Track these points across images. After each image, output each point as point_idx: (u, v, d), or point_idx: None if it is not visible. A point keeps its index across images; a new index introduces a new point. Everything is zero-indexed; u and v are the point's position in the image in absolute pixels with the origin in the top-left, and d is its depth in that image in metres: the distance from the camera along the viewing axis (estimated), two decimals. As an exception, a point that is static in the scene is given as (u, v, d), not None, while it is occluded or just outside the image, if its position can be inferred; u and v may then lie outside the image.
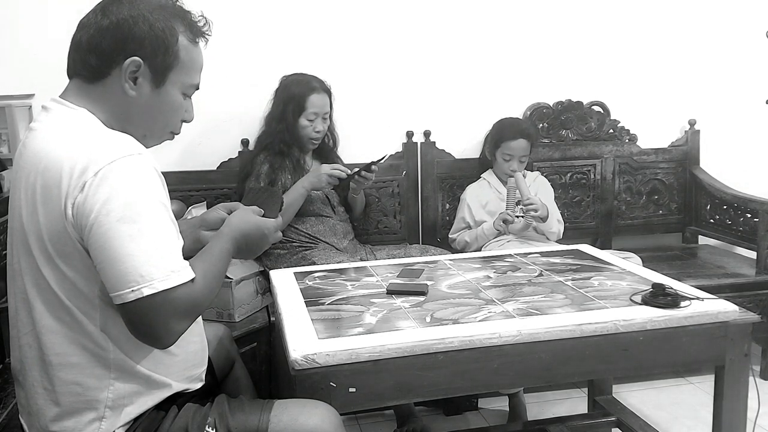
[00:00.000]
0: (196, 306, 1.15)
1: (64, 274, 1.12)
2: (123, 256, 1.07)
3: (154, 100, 1.22)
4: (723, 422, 1.62)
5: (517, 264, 1.98)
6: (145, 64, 1.18)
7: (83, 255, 1.11)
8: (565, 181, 3.00)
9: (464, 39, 2.89)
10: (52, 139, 1.14)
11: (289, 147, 2.46)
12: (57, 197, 1.09)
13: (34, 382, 1.18)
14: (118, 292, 1.08)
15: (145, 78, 1.20)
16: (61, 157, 1.10)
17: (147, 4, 1.20)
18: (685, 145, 3.12)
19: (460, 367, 1.45)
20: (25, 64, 2.54)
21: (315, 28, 2.74)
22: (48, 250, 1.11)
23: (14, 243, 1.18)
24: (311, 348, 1.38)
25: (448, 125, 2.91)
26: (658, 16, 3.05)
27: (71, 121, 1.17)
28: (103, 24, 1.17)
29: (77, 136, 1.14)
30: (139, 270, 1.07)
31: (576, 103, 3.01)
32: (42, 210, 1.11)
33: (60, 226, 1.09)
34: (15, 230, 1.17)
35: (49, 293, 1.13)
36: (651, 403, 2.50)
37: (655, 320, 1.54)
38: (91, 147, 1.10)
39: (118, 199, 1.07)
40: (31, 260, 1.13)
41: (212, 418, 1.22)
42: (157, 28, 1.19)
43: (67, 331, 1.14)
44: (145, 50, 1.18)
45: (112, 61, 1.18)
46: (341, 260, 2.30)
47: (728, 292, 2.37)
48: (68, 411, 1.16)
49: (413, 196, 2.89)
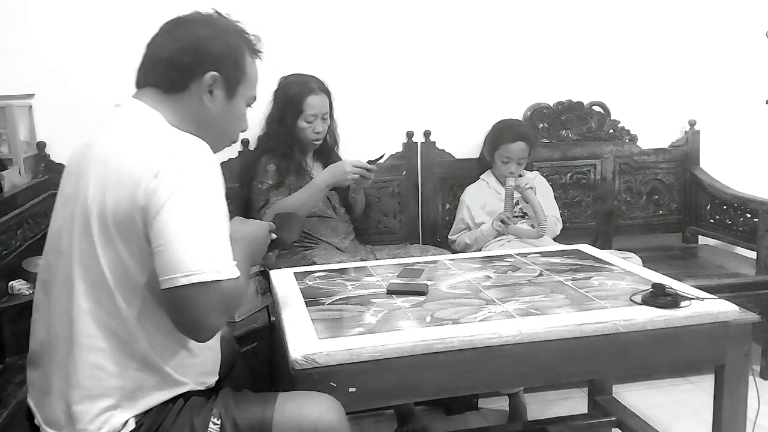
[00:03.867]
0: (236, 303, 1.24)
1: (120, 256, 1.17)
2: (182, 242, 1.12)
3: (226, 111, 1.33)
4: (723, 422, 1.62)
5: (517, 264, 1.98)
6: (221, 78, 1.29)
7: (142, 240, 1.16)
8: (565, 181, 3.00)
9: (464, 39, 2.89)
10: (131, 131, 1.23)
11: (290, 148, 2.45)
12: (130, 183, 1.14)
13: (58, 362, 1.20)
14: (170, 275, 1.12)
15: (219, 90, 1.30)
16: (137, 149, 1.18)
17: (218, 23, 1.33)
18: (685, 145, 3.12)
19: (461, 366, 1.45)
20: (25, 64, 2.54)
21: (315, 27, 2.74)
22: (110, 232, 1.16)
23: (70, 226, 1.21)
24: (311, 348, 1.38)
25: (448, 125, 2.91)
26: (658, 16, 3.05)
27: (149, 117, 1.25)
28: (182, 41, 1.28)
29: (155, 130, 1.23)
30: (194, 258, 1.12)
31: (576, 103, 3.01)
32: (112, 193, 1.16)
33: (128, 210, 1.15)
34: (74, 213, 1.21)
35: (97, 275, 1.17)
36: (651, 403, 2.49)
37: (655, 320, 1.54)
38: (168, 141, 1.20)
39: (188, 191, 1.14)
40: (88, 242, 1.18)
41: (217, 410, 1.24)
42: (231, 46, 1.31)
43: (103, 314, 1.18)
44: (221, 65, 1.29)
45: (192, 75, 1.28)
46: (341, 260, 2.29)
47: (728, 292, 2.36)
48: (86, 394, 1.18)
49: (413, 196, 2.88)
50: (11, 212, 2.11)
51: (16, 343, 1.98)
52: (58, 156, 2.61)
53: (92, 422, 1.17)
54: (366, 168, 2.31)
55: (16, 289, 2.04)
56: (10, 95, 2.45)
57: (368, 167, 2.32)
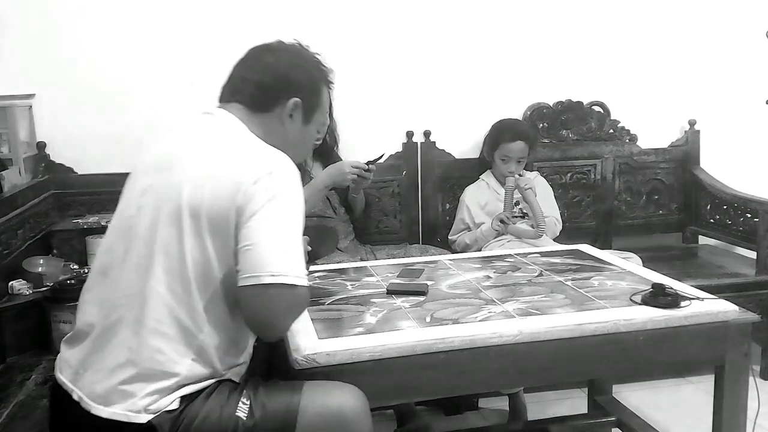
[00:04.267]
0: (303, 310, 1.33)
1: (206, 249, 1.24)
2: (272, 244, 1.22)
3: (301, 134, 1.45)
4: (723, 422, 1.62)
5: (517, 264, 1.98)
6: (301, 104, 1.42)
7: (230, 238, 1.24)
8: (565, 181, 3.01)
9: (464, 39, 2.89)
10: (228, 137, 1.34)
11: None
12: (230, 183, 1.24)
13: (121, 340, 1.24)
14: (256, 273, 1.20)
15: (298, 115, 1.43)
16: (237, 152, 1.30)
17: (303, 54, 1.47)
18: (685, 145, 3.12)
19: (461, 366, 1.45)
20: (25, 64, 2.55)
21: (315, 27, 2.74)
22: (201, 225, 1.24)
23: (154, 215, 1.27)
24: (311, 348, 1.38)
25: (448, 125, 2.91)
26: (658, 17, 3.05)
27: (240, 128, 1.37)
28: (271, 68, 1.41)
29: (250, 140, 1.35)
30: (281, 260, 1.21)
31: (576, 103, 3.01)
32: (210, 189, 1.24)
33: (225, 207, 1.23)
34: (161, 203, 1.27)
35: (178, 264, 1.24)
36: (651, 403, 2.49)
37: (655, 320, 1.54)
38: (266, 152, 1.32)
39: (282, 199, 1.25)
40: (176, 232, 1.25)
41: (247, 392, 1.28)
42: (313, 75, 1.45)
43: (174, 302, 1.24)
44: (303, 93, 1.42)
45: (276, 99, 1.40)
46: (341, 260, 2.29)
47: (728, 292, 2.35)
48: (144, 375, 1.22)
49: (413, 196, 2.89)
50: (11, 212, 2.11)
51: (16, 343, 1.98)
52: (58, 156, 2.61)
53: (143, 399, 1.21)
54: (364, 168, 2.31)
55: (16, 289, 2.04)
56: (10, 95, 2.45)
57: (367, 168, 2.32)
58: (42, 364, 1.91)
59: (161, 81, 2.64)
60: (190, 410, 1.23)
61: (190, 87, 2.58)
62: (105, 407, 1.21)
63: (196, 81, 2.56)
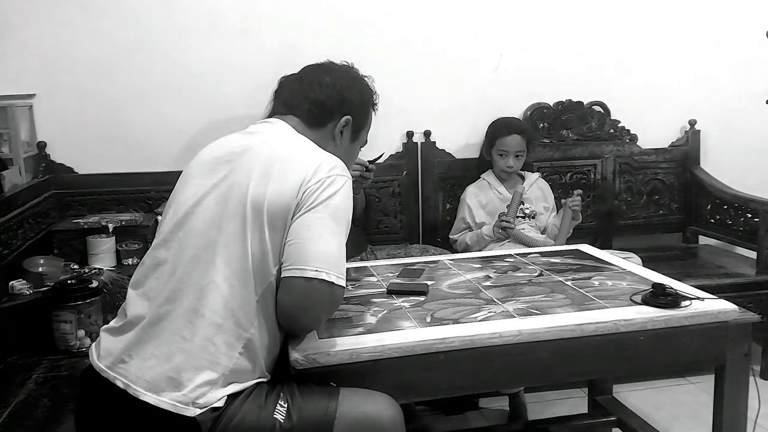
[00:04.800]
0: (335, 310, 1.43)
1: (264, 244, 1.30)
2: (321, 241, 1.29)
3: (348, 149, 1.56)
4: (723, 422, 1.62)
5: (517, 264, 1.98)
6: (352, 122, 1.53)
7: (284, 232, 1.31)
8: (565, 181, 3.01)
9: (464, 39, 2.89)
10: (289, 140, 1.44)
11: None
12: (293, 180, 1.32)
13: (174, 329, 1.27)
14: (302, 266, 1.27)
15: (348, 132, 1.54)
16: (301, 154, 1.39)
17: (356, 76, 1.61)
18: (685, 145, 3.12)
19: (461, 366, 1.44)
20: (25, 64, 2.55)
21: (315, 27, 2.74)
22: (262, 220, 1.30)
23: (221, 210, 1.33)
24: (312, 347, 1.38)
25: (448, 125, 2.91)
26: (658, 17, 3.05)
27: (299, 136, 1.47)
28: (329, 87, 1.52)
29: (310, 145, 1.44)
30: (328, 258, 1.29)
31: (576, 103, 3.01)
32: (273, 187, 1.32)
33: (285, 202, 1.31)
34: (228, 199, 1.33)
35: (238, 255, 1.30)
36: (651, 403, 2.50)
37: (655, 320, 1.54)
38: (325, 156, 1.39)
39: (335, 201, 1.33)
40: (240, 224, 1.31)
41: (284, 395, 1.29)
42: (365, 97, 1.59)
43: (230, 295, 1.28)
44: (355, 112, 1.54)
45: (331, 116, 1.51)
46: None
47: (728, 292, 2.36)
48: (196, 364, 1.25)
49: (413, 196, 2.89)
50: (11, 212, 2.11)
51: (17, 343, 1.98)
52: (58, 156, 2.61)
53: (194, 391, 1.23)
54: (366, 166, 2.31)
55: (17, 289, 2.04)
56: (11, 95, 2.45)
57: (368, 166, 2.32)
58: (42, 364, 1.91)
59: (161, 81, 2.64)
60: (231, 409, 1.24)
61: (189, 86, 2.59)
62: (154, 395, 1.23)
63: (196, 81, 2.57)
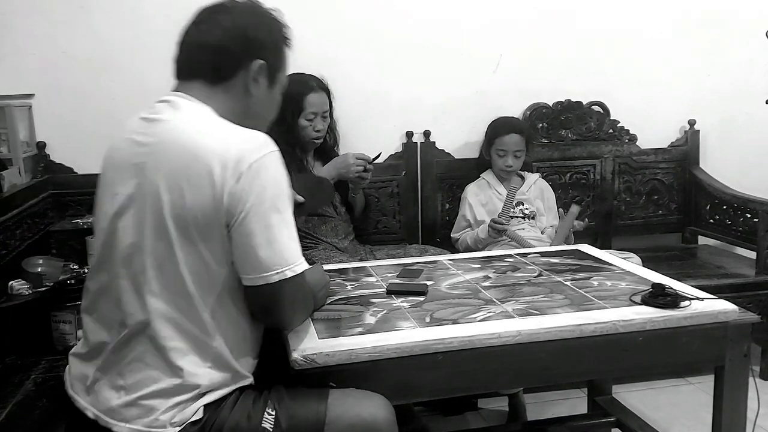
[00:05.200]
0: (308, 291, 1.35)
1: (201, 257, 1.20)
2: (272, 241, 1.19)
3: (267, 98, 1.36)
4: (723, 423, 1.61)
5: (517, 264, 1.98)
6: (266, 66, 1.32)
7: (224, 240, 1.20)
8: (564, 181, 3.01)
9: (464, 39, 2.89)
10: (194, 132, 1.22)
11: (291, 147, 2.45)
12: (210, 185, 1.17)
13: (136, 357, 1.21)
14: (262, 273, 1.20)
15: (263, 78, 1.33)
16: (211, 149, 1.18)
17: (260, 10, 1.35)
18: (684, 145, 3.12)
19: (460, 367, 1.44)
20: (25, 64, 2.54)
21: (315, 27, 2.74)
22: (191, 233, 1.18)
23: (137, 227, 1.21)
24: (311, 348, 1.37)
25: (447, 125, 2.91)
26: (658, 16, 3.05)
27: (206, 115, 1.26)
28: (229, 29, 1.29)
29: (220, 129, 1.24)
30: (284, 254, 1.21)
31: (576, 103, 3.01)
32: (190, 196, 1.17)
33: (210, 212, 1.17)
34: (142, 214, 1.21)
35: (174, 276, 1.19)
36: (650, 403, 2.49)
37: (655, 320, 1.54)
38: (238, 141, 1.20)
39: (269, 191, 1.19)
40: (165, 243, 1.19)
41: (272, 402, 1.26)
42: (275, 33, 1.34)
43: (178, 316, 1.20)
44: (267, 53, 1.32)
45: (240, 63, 1.29)
46: (341, 260, 2.29)
47: (728, 292, 2.36)
48: (163, 391, 1.19)
49: (413, 196, 2.88)
50: (11, 212, 2.11)
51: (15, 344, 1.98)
52: (58, 156, 2.61)
53: (166, 413, 1.18)
54: (368, 160, 2.32)
55: (16, 289, 2.04)
56: (10, 95, 2.45)
57: (370, 159, 2.34)
58: (41, 365, 1.91)
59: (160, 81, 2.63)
60: (216, 421, 1.20)
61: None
62: (126, 424, 1.18)
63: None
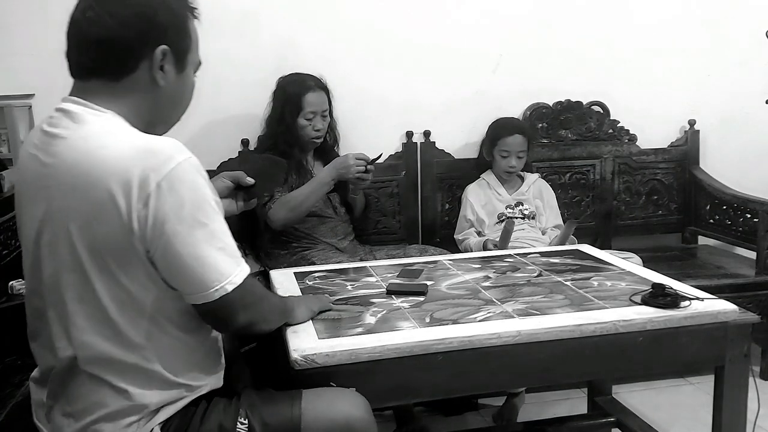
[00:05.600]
0: (256, 290, 1.26)
1: (123, 285, 1.12)
2: (202, 258, 1.11)
3: (179, 85, 1.23)
4: (723, 423, 1.62)
5: (517, 264, 1.98)
6: (170, 50, 1.18)
7: (146, 265, 1.12)
8: (564, 181, 3.00)
9: (464, 39, 2.89)
10: (94, 150, 1.09)
11: (291, 147, 2.45)
12: (115, 212, 1.07)
13: (81, 383, 1.17)
14: (201, 293, 1.13)
15: (170, 65, 1.19)
16: (112, 170, 1.07)
17: None
18: (684, 145, 3.12)
19: (460, 367, 1.44)
20: (25, 64, 2.54)
21: (315, 27, 2.74)
22: (107, 264, 1.10)
23: (52, 257, 1.14)
24: (311, 348, 1.38)
25: (447, 125, 2.90)
26: (658, 16, 3.05)
27: (106, 128, 1.13)
28: (122, 16, 1.13)
29: (121, 145, 1.09)
30: (219, 269, 1.13)
31: (575, 103, 3.01)
32: (98, 226, 1.08)
33: (123, 240, 1.08)
34: (54, 245, 1.12)
35: (96, 307, 1.12)
36: (651, 403, 2.49)
37: (655, 320, 1.54)
38: (142, 157, 1.08)
39: (186, 206, 1.09)
40: (80, 275, 1.11)
41: (243, 410, 1.23)
42: (175, 12, 1.19)
43: (109, 346, 1.14)
44: (169, 37, 1.17)
45: (140, 54, 1.15)
46: (341, 260, 2.29)
47: (728, 293, 2.36)
48: (110, 416, 1.16)
49: (412, 196, 2.88)
50: (11, 212, 2.11)
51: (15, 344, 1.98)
52: (58, 156, 2.61)
53: None
54: (368, 161, 2.32)
55: (16, 289, 2.04)
56: (10, 95, 2.45)
57: (370, 160, 2.33)
58: (41, 365, 1.91)
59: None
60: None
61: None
62: None
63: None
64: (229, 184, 1.52)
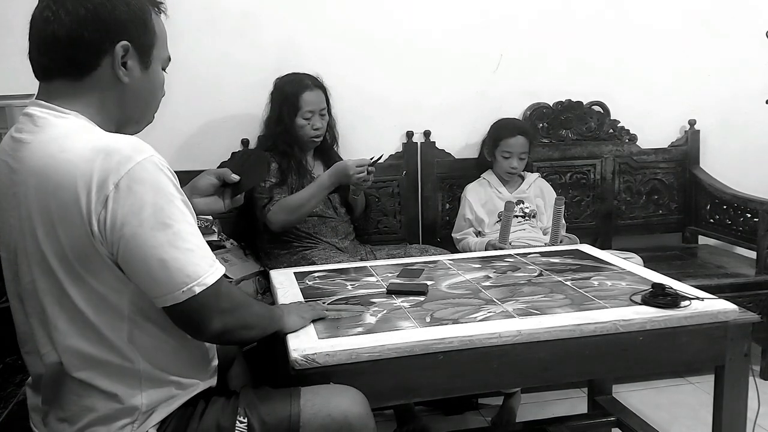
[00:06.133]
0: (234, 296, 1.22)
1: (94, 289, 1.11)
2: (167, 261, 1.08)
3: (145, 81, 1.20)
4: (723, 422, 1.62)
5: (517, 264, 1.98)
6: (132, 46, 1.16)
7: (113, 268, 1.10)
8: (564, 181, 3.01)
9: (464, 39, 2.89)
10: (55, 154, 1.08)
11: (290, 147, 2.45)
12: (78, 216, 1.06)
13: (69, 390, 1.16)
14: (168, 294, 1.10)
15: (134, 61, 1.17)
16: (72, 173, 1.06)
17: None
18: (685, 145, 3.12)
19: (460, 367, 1.45)
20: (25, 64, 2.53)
21: (314, 27, 2.74)
22: (75, 268, 1.09)
23: (27, 264, 1.13)
24: (311, 348, 1.38)
25: (448, 125, 2.90)
26: (658, 16, 3.05)
27: (68, 130, 1.12)
28: (79, 14, 1.11)
29: (81, 147, 1.08)
30: (185, 271, 1.09)
31: (576, 103, 3.01)
32: (62, 230, 1.07)
33: (86, 244, 1.07)
34: (27, 251, 1.12)
35: (74, 312, 1.11)
36: (651, 403, 2.49)
37: (655, 320, 1.54)
38: (100, 157, 1.06)
39: (147, 207, 1.06)
40: (53, 281, 1.11)
41: (242, 409, 1.22)
42: (135, 7, 1.16)
43: (93, 349, 1.13)
44: (130, 32, 1.15)
45: (100, 51, 1.14)
46: (341, 260, 2.29)
47: (728, 292, 2.37)
48: (102, 420, 1.15)
49: (413, 196, 2.88)
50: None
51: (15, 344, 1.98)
52: (58, 156, 2.61)
53: None
54: (369, 164, 2.31)
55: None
56: (10, 95, 2.45)
57: (369, 169, 2.32)
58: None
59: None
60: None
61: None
62: None
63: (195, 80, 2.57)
64: (215, 182, 1.50)
